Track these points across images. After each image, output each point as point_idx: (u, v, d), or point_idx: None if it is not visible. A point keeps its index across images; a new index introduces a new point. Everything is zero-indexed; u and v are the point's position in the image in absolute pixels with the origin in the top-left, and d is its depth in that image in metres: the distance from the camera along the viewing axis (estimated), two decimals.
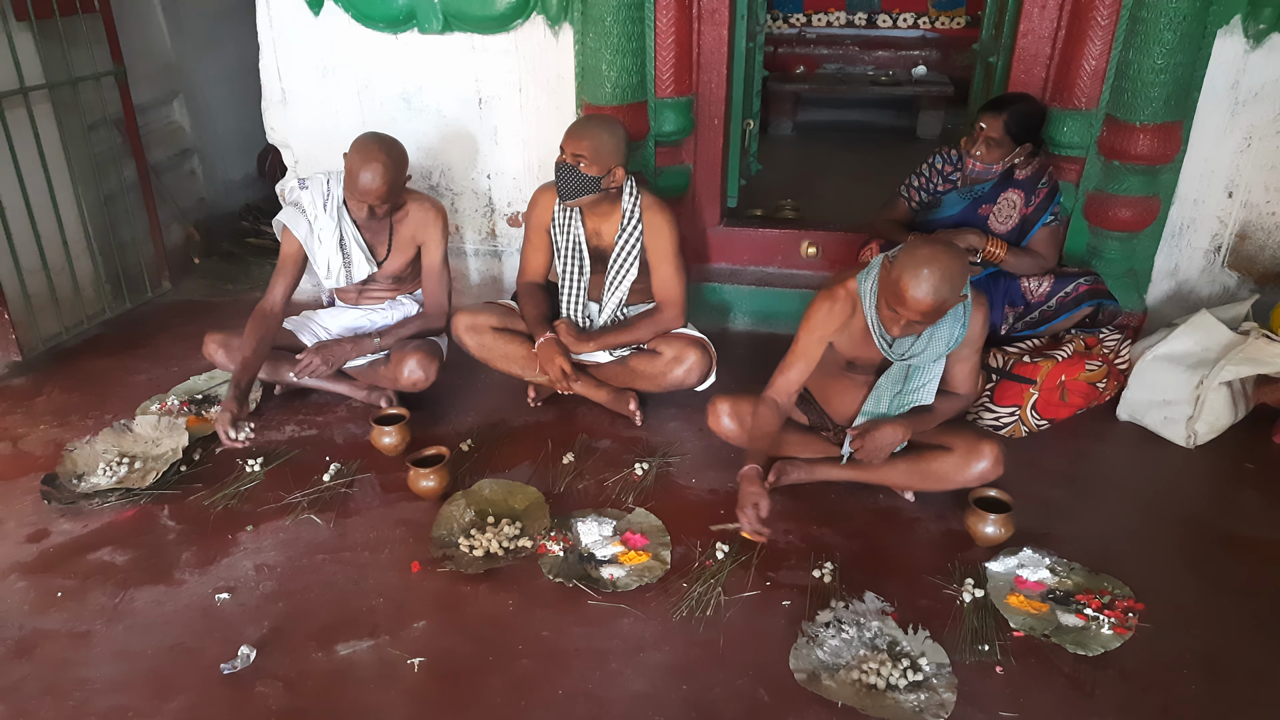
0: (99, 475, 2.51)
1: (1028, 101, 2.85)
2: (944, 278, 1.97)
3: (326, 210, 2.75)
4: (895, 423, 2.27)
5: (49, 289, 3.26)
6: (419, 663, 1.89)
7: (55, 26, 3.18)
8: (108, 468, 2.53)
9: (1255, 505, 2.44)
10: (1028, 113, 2.79)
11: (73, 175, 3.33)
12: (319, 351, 2.76)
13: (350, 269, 2.82)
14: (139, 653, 1.93)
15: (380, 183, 2.57)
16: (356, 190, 2.59)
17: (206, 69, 4.42)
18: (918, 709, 1.75)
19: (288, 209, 2.79)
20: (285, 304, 2.78)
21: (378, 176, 2.56)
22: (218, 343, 2.81)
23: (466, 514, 2.35)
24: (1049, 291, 2.84)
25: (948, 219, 2.95)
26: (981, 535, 2.22)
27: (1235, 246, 3.15)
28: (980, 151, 2.79)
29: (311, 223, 2.75)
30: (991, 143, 2.77)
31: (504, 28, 3.17)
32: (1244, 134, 2.98)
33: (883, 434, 2.25)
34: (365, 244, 2.80)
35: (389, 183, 2.59)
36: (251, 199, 4.69)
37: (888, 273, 2.07)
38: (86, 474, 2.53)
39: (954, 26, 6.79)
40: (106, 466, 2.53)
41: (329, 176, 2.77)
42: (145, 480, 2.46)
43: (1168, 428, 2.71)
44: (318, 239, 2.76)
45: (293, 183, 2.82)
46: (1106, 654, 1.89)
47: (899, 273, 2.01)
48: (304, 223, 2.75)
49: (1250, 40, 2.84)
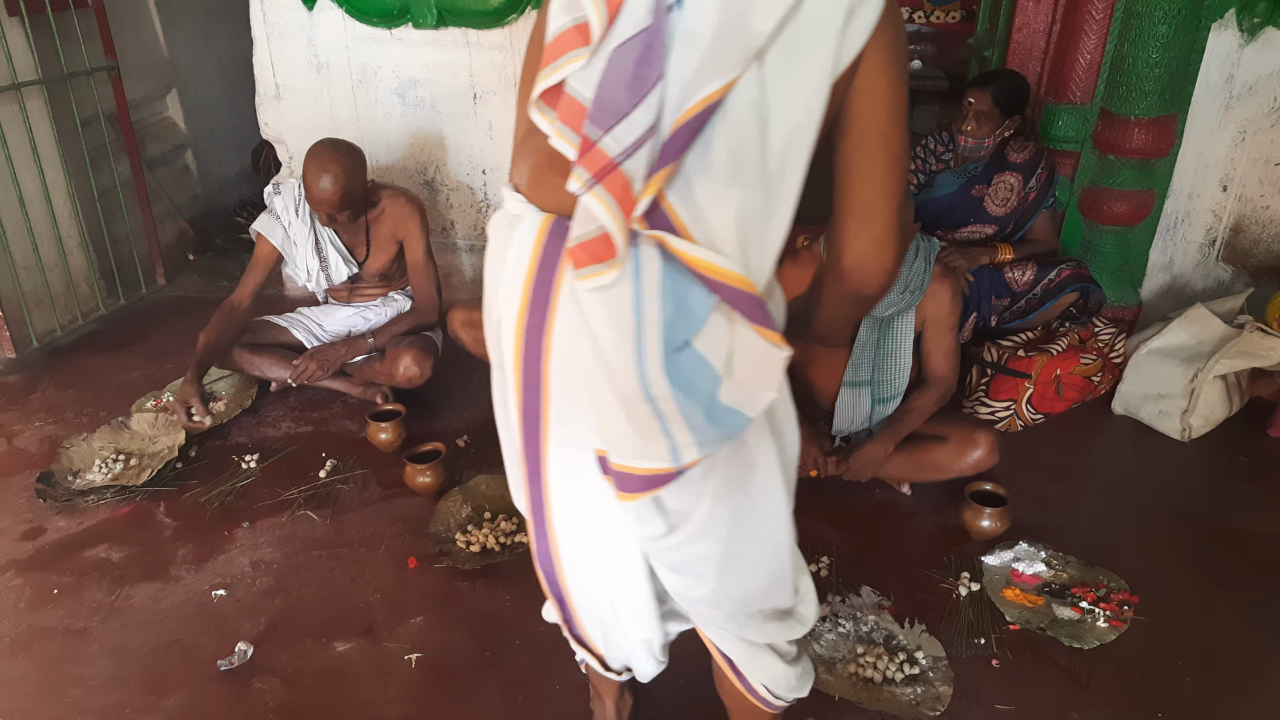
0: (94, 472, 2.51)
1: (1013, 75, 2.90)
2: None
3: (299, 215, 2.75)
4: (879, 438, 2.28)
5: (43, 285, 3.25)
6: (416, 658, 1.90)
7: (48, 21, 3.16)
8: (104, 464, 2.53)
9: (1249, 498, 2.45)
10: (1014, 84, 2.84)
11: (66, 171, 3.31)
12: (314, 357, 2.77)
13: (328, 272, 2.82)
14: (135, 650, 1.93)
15: (334, 189, 2.54)
16: (311, 198, 2.57)
17: (200, 64, 4.41)
18: (914, 702, 1.76)
19: (263, 215, 2.79)
20: (253, 300, 2.78)
21: (331, 183, 2.53)
22: None
23: (463, 509, 2.35)
24: (1033, 279, 2.85)
25: (941, 199, 2.96)
26: (977, 529, 2.22)
27: (1230, 240, 3.15)
28: (971, 126, 2.82)
29: (286, 228, 2.76)
30: (981, 116, 2.80)
31: (498, 22, 3.16)
32: (1238, 128, 2.98)
33: (867, 452, 2.27)
34: (343, 245, 2.79)
35: (343, 189, 2.55)
36: (246, 195, 4.68)
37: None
38: (82, 471, 2.53)
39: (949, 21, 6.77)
40: (102, 463, 2.53)
41: (300, 180, 2.76)
42: (140, 478, 2.46)
43: (1162, 421, 2.72)
44: (294, 244, 2.76)
45: (269, 188, 2.81)
46: (1102, 647, 1.90)
47: None
48: (279, 228, 2.76)
49: (1244, 34, 2.85)
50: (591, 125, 0.96)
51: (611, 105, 0.95)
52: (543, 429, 1.16)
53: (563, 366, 1.10)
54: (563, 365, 1.10)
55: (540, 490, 1.22)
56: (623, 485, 1.09)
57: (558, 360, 1.10)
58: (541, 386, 1.13)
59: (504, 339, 1.15)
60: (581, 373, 1.07)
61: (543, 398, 1.13)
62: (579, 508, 1.23)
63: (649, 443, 1.05)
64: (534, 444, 1.19)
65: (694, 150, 0.96)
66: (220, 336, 2.69)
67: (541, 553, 1.30)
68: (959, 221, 2.96)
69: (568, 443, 1.15)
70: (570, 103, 0.98)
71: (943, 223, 2.97)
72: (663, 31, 0.94)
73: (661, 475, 1.07)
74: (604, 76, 0.96)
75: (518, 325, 1.11)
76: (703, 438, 1.05)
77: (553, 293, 1.07)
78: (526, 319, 1.10)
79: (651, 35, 0.94)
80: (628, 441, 1.06)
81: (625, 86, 0.95)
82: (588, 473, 1.15)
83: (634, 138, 0.94)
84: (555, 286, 1.07)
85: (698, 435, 1.04)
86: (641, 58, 0.94)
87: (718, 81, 0.93)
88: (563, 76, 0.99)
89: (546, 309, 1.08)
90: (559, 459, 1.18)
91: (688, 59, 0.94)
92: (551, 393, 1.12)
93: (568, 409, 1.12)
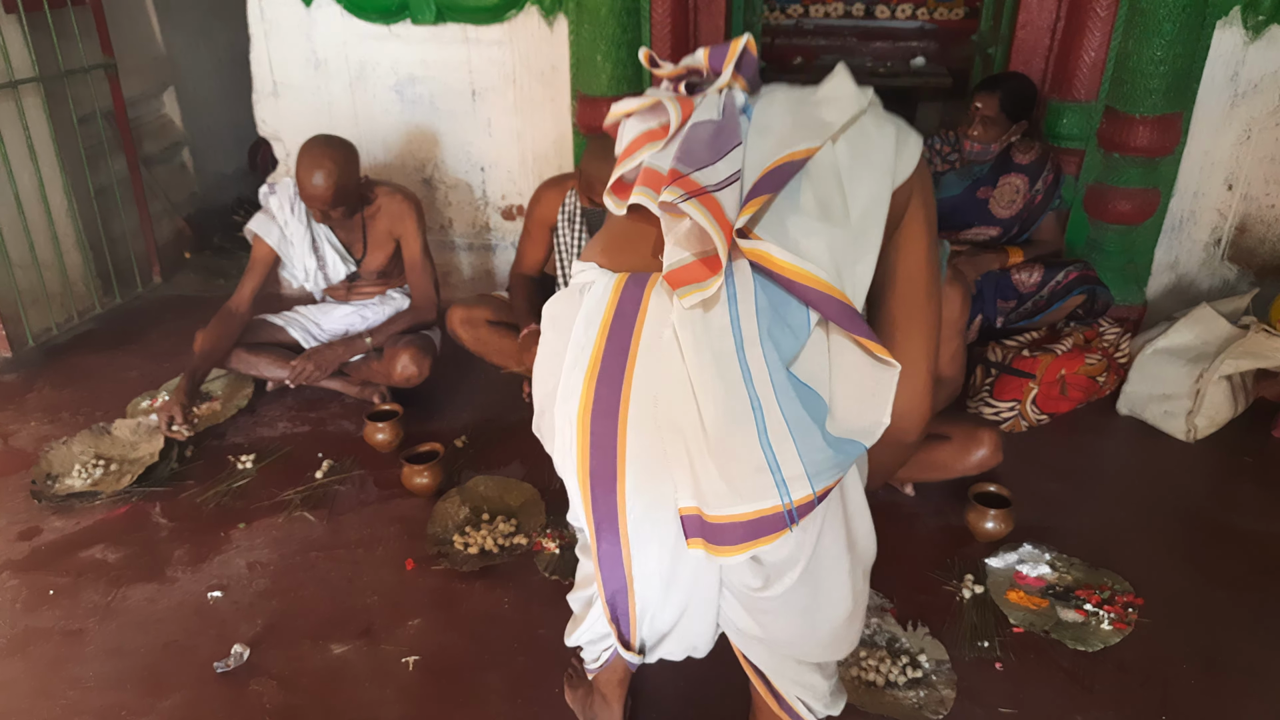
0: (73, 477, 2.48)
1: (1020, 79, 2.88)
2: None
3: (295, 214, 2.73)
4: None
5: (39, 284, 3.23)
6: (414, 661, 1.88)
7: (45, 18, 3.14)
8: (83, 469, 2.49)
9: (1254, 499, 2.43)
10: (1021, 89, 2.82)
11: (63, 169, 3.29)
12: (312, 358, 2.75)
13: (326, 271, 2.80)
14: (132, 651, 1.91)
15: (327, 185, 2.52)
16: (304, 195, 2.56)
17: (198, 61, 4.39)
18: (917, 705, 1.74)
19: (259, 215, 2.77)
20: (251, 304, 2.75)
21: (324, 179, 2.51)
22: None
23: (461, 511, 2.33)
24: (1039, 281, 2.83)
25: (946, 200, 2.94)
26: (981, 531, 2.21)
27: (1235, 239, 3.13)
28: (977, 131, 2.80)
29: (282, 228, 2.73)
30: (988, 121, 2.78)
31: (498, 18, 3.14)
32: (1243, 126, 2.96)
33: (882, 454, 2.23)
34: (340, 244, 2.77)
35: (336, 186, 2.54)
36: (243, 193, 4.65)
37: None
38: (61, 475, 2.49)
39: (953, 18, 6.75)
40: (82, 468, 2.50)
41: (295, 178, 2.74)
42: (119, 484, 2.43)
43: (1167, 421, 2.70)
44: (290, 243, 2.74)
45: (264, 188, 2.79)
46: (1106, 649, 1.89)
47: None
48: (274, 229, 2.73)
49: (1249, 31, 2.83)
50: (679, 165, 1.06)
51: (694, 159, 1.06)
52: (619, 488, 1.11)
53: (642, 416, 1.06)
54: (642, 415, 1.06)
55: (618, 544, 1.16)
56: (719, 538, 1.05)
57: (637, 409, 1.06)
58: (617, 444, 1.09)
59: (569, 396, 1.11)
60: (670, 419, 1.04)
61: (618, 455, 1.09)
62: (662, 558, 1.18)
63: (752, 481, 1.02)
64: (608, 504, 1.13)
65: (783, 197, 1.07)
66: (219, 343, 2.67)
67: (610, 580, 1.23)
68: (963, 223, 2.94)
69: (649, 500, 1.11)
70: (649, 173, 1.10)
71: (947, 225, 2.95)
72: (735, 120, 1.11)
73: (767, 519, 1.03)
74: (683, 145, 1.09)
75: (588, 378, 1.09)
76: (814, 469, 1.03)
77: (632, 340, 1.07)
78: (600, 371, 1.08)
79: (724, 121, 1.11)
80: (728, 488, 1.02)
81: (705, 146, 1.08)
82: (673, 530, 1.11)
83: (719, 179, 1.04)
84: (635, 333, 1.07)
85: (809, 466, 1.02)
86: (716, 132, 1.09)
87: (800, 145, 1.07)
88: (639, 161, 1.13)
89: (625, 358, 1.07)
90: (638, 516, 1.13)
91: (764, 140, 1.09)
92: (629, 449, 1.09)
93: (647, 464, 1.09)
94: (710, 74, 1.18)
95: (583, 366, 1.10)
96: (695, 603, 1.26)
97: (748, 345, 1.02)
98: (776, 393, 1.02)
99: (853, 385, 1.08)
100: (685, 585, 1.22)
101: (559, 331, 1.17)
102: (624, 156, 1.16)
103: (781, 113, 1.12)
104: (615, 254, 1.17)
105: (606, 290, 1.12)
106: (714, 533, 1.06)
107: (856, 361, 1.08)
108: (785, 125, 1.10)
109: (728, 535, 1.05)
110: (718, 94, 1.14)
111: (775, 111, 1.13)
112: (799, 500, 1.03)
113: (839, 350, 1.08)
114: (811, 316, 1.07)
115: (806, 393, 1.05)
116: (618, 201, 1.15)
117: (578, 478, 1.14)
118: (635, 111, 1.18)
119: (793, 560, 1.15)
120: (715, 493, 1.04)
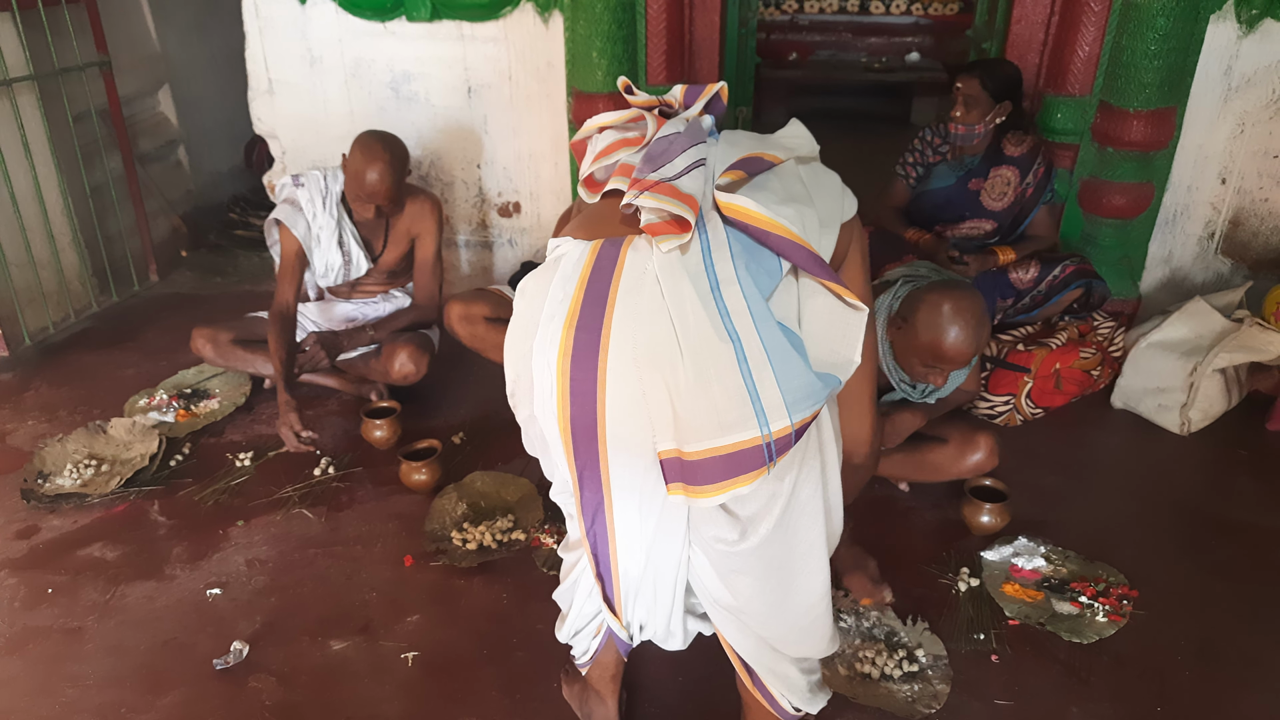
0: (64, 477, 2.47)
1: (1000, 60, 2.90)
2: (977, 321, 1.94)
3: (326, 208, 2.69)
4: (915, 410, 2.27)
5: (36, 283, 3.23)
6: (413, 656, 1.89)
7: (39, 17, 3.14)
8: (75, 469, 2.48)
9: (1249, 492, 2.45)
10: (1002, 68, 2.82)
11: (58, 167, 3.29)
12: (318, 341, 2.73)
13: (350, 267, 2.78)
14: (131, 648, 1.92)
15: (388, 182, 2.54)
16: (364, 191, 2.55)
17: (193, 59, 4.38)
18: (910, 699, 1.75)
19: (283, 206, 2.71)
20: (296, 301, 2.71)
21: (384, 175, 2.52)
22: (206, 337, 2.78)
23: (459, 507, 2.33)
24: (1037, 276, 2.84)
25: (938, 191, 2.94)
26: (977, 524, 2.22)
27: (1229, 233, 3.14)
28: (960, 112, 2.80)
29: (310, 221, 2.69)
30: (970, 100, 2.79)
31: (493, 15, 3.14)
32: (1237, 120, 2.97)
33: (903, 419, 2.25)
34: (362, 240, 2.77)
35: (395, 181, 2.56)
36: (239, 190, 4.65)
37: (909, 337, 2.02)
38: (53, 474, 2.49)
39: (947, 13, 6.76)
40: (74, 468, 2.49)
41: (325, 172, 2.72)
42: (109, 485, 2.42)
43: (1162, 415, 2.71)
44: (316, 238, 2.71)
45: (286, 179, 2.76)
46: (1101, 641, 1.90)
47: (929, 335, 1.96)
48: (301, 220, 2.69)
49: (1243, 26, 2.83)
50: (639, 172, 1.18)
51: (656, 160, 1.18)
52: (600, 434, 1.14)
53: (621, 360, 1.09)
54: (621, 359, 1.09)
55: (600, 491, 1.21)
56: (698, 477, 1.09)
57: (616, 353, 1.10)
58: (597, 390, 1.11)
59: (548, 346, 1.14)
60: (650, 356, 1.07)
61: (598, 401, 1.12)
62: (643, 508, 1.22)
63: (733, 411, 1.05)
64: (589, 451, 1.16)
65: (755, 183, 1.21)
66: (289, 344, 2.63)
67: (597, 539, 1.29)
68: (956, 216, 2.94)
69: (631, 447, 1.14)
70: (624, 167, 1.25)
71: (941, 217, 2.95)
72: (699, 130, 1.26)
73: (746, 452, 1.06)
74: (649, 150, 1.22)
75: (566, 325, 1.12)
76: (792, 397, 1.07)
77: (610, 288, 1.11)
78: (579, 318, 1.11)
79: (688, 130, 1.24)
80: (708, 418, 1.06)
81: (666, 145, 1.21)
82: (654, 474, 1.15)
83: (676, 171, 1.15)
84: (614, 280, 1.12)
85: (787, 394, 1.06)
86: (678, 139, 1.22)
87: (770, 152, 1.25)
88: (616, 159, 1.27)
89: (603, 305, 1.11)
90: (620, 460, 1.17)
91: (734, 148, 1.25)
92: (608, 394, 1.11)
93: (626, 409, 1.11)
94: (682, 107, 1.33)
95: (560, 317, 1.13)
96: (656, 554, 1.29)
97: (724, 285, 1.10)
98: (756, 322, 1.08)
99: (823, 324, 1.18)
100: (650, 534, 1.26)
101: (532, 304, 1.20)
102: (599, 157, 1.27)
103: (746, 137, 1.29)
104: (590, 228, 1.23)
105: (584, 253, 1.17)
106: (693, 472, 1.09)
107: (827, 304, 1.18)
108: (753, 141, 1.28)
109: (707, 473, 1.08)
110: (685, 121, 1.27)
111: (740, 136, 1.29)
112: (778, 432, 1.07)
113: (809, 294, 1.18)
114: (783, 265, 1.16)
115: (784, 327, 1.13)
116: (589, 194, 1.28)
117: (558, 425, 1.16)
118: (611, 125, 1.31)
119: (767, 511, 1.19)
120: (694, 427, 1.07)
